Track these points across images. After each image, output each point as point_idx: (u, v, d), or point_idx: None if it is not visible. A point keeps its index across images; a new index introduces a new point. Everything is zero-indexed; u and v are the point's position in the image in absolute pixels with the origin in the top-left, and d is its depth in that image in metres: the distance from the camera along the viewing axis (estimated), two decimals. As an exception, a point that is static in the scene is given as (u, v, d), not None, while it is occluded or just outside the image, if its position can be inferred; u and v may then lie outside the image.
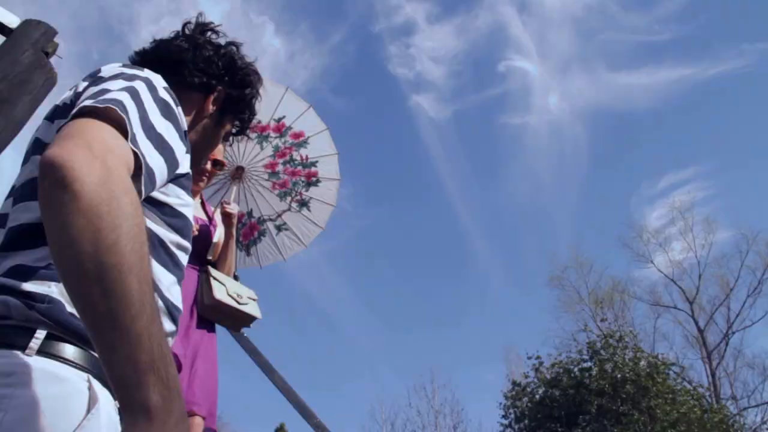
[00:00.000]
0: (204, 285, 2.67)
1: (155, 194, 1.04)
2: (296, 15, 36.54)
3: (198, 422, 2.40)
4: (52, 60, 2.77)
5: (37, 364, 0.82)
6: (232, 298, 2.69)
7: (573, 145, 35.46)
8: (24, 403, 0.77)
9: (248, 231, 3.96)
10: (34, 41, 2.68)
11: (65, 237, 0.71)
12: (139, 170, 0.88)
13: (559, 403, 13.12)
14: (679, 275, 23.69)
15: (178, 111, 1.08)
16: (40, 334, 0.84)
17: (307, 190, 3.98)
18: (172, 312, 1.06)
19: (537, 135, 35.47)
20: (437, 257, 35.66)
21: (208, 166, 2.66)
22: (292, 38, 35.68)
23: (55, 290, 0.88)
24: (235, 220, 2.91)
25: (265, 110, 3.71)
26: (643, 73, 33.83)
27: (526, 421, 13.89)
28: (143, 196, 0.91)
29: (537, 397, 13.91)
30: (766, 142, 32.40)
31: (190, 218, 1.15)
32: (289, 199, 3.96)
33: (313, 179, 3.98)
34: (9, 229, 0.96)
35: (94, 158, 0.75)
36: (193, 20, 1.42)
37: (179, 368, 2.33)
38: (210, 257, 2.79)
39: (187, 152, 1.10)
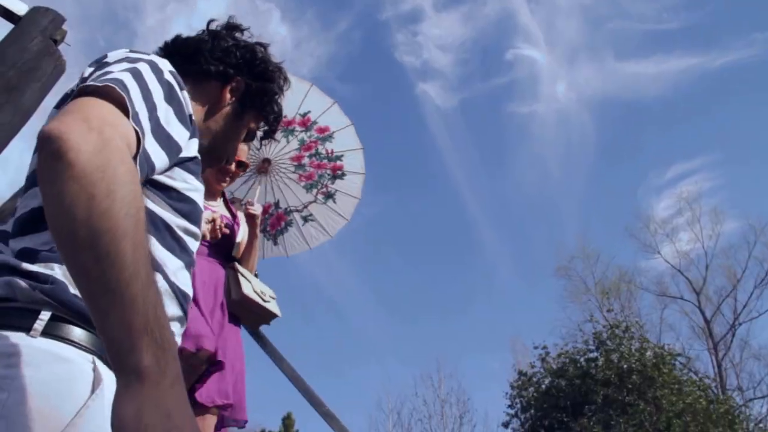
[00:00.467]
0: (231, 281, 2.73)
1: (161, 178, 1.04)
2: (302, 2, 36.40)
3: (209, 421, 2.44)
4: (61, 47, 2.77)
5: (42, 345, 0.82)
6: (258, 294, 2.77)
7: (580, 134, 35.34)
8: (27, 384, 0.77)
9: (275, 221, 4.04)
10: (42, 29, 2.68)
11: (60, 205, 0.71)
12: (139, 150, 0.88)
13: (565, 393, 13.15)
14: (686, 266, 23.63)
15: (183, 95, 1.08)
16: (45, 315, 0.84)
17: (332, 183, 4.06)
18: (178, 296, 1.05)
19: (544, 124, 35.33)
20: (444, 245, 35.64)
21: (232, 166, 2.71)
22: (298, 25, 35.53)
23: (58, 272, 0.88)
24: (258, 221, 2.97)
25: (290, 105, 3.76)
26: (651, 62, 33.53)
27: (532, 411, 13.92)
28: (141, 178, 0.90)
29: (543, 387, 13.94)
30: (775, 131, 32.19)
31: (200, 203, 1.15)
32: (315, 191, 4.04)
33: (339, 172, 4.05)
34: (17, 217, 0.97)
35: (90, 130, 0.76)
36: (222, 21, 1.44)
37: (217, 364, 2.43)
38: (234, 255, 2.83)
39: (192, 137, 1.11)
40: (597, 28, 33.87)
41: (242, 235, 2.87)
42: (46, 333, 0.83)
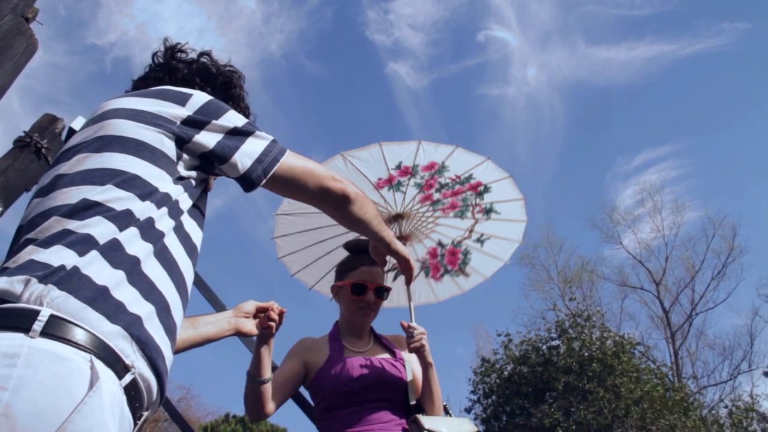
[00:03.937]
0: None
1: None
2: (273, -24, 35.84)
3: None
4: (32, 26, 2.69)
5: (41, 345, 0.85)
6: None
7: (550, 118, 35.66)
8: (27, 383, 0.81)
9: (451, 257, 3.69)
10: (13, 6, 2.59)
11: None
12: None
13: (526, 380, 13.40)
14: (646, 256, 24.22)
15: None
16: (43, 316, 0.88)
17: (482, 199, 3.64)
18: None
19: (514, 107, 35.65)
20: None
21: (372, 298, 2.42)
22: (268, 0, 35.03)
23: (66, 273, 0.94)
24: (428, 347, 2.36)
25: (376, 170, 3.55)
26: (622, 48, 33.94)
27: (494, 397, 14.17)
28: None
29: (505, 373, 14.17)
30: (741, 122, 32.99)
31: None
32: (469, 213, 3.65)
33: (481, 188, 3.63)
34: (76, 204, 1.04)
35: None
36: (161, 48, 1.56)
37: None
38: (413, 402, 2.30)
39: None
40: (569, 11, 34.08)
41: (410, 372, 2.36)
42: (45, 333, 0.86)
